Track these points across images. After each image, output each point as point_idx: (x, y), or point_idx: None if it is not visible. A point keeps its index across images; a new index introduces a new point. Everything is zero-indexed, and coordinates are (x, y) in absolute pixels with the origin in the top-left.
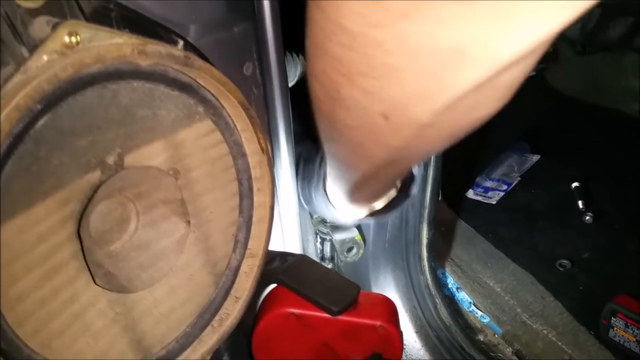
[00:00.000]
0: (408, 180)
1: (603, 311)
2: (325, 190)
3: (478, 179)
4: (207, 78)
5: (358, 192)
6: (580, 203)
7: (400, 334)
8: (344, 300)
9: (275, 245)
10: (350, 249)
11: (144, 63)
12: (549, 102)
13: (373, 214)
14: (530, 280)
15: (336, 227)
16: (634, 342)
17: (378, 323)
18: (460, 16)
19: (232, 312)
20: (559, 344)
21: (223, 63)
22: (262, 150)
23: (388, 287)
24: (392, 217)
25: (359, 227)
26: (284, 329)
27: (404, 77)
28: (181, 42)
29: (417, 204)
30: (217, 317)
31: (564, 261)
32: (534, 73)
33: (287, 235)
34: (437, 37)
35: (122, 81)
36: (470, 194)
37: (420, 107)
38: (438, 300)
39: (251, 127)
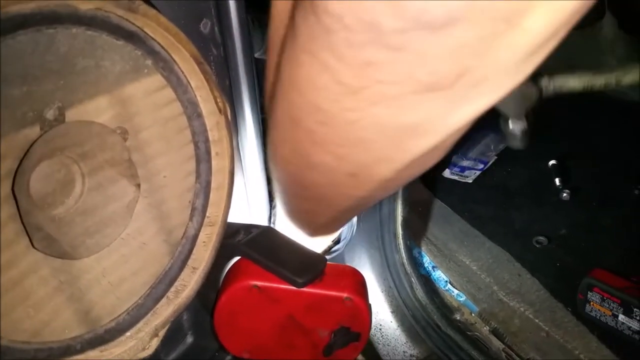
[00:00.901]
0: None
1: (579, 286)
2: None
3: (454, 158)
4: (155, 27)
5: (317, 234)
6: (557, 180)
7: (369, 306)
8: (309, 272)
9: (241, 217)
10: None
11: (84, 7)
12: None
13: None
14: (507, 258)
15: None
16: (609, 316)
17: (345, 295)
18: (418, 103)
19: (188, 283)
20: (536, 321)
21: (178, 18)
22: (220, 110)
23: (363, 267)
24: None
25: None
26: (247, 303)
27: (372, 146)
28: None
29: None
30: (172, 289)
31: (541, 238)
32: None
33: (254, 207)
34: (401, 117)
35: (60, 26)
36: (447, 173)
37: (385, 167)
38: (414, 280)
39: (206, 84)
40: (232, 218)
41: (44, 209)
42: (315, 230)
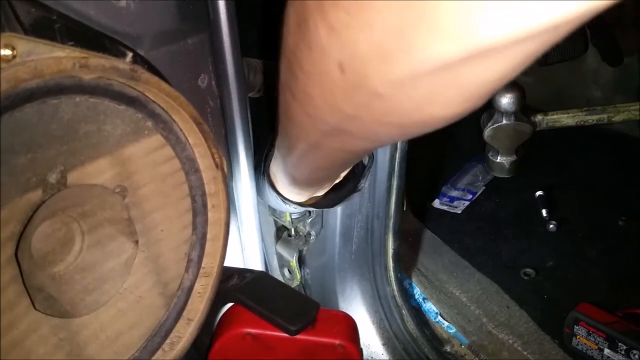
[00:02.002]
0: (357, 175)
1: (566, 320)
2: (268, 174)
3: (444, 189)
4: (156, 92)
5: (300, 167)
6: (544, 211)
7: (360, 351)
8: (302, 319)
9: (235, 262)
10: (289, 271)
11: (87, 77)
12: None
13: (316, 202)
14: (496, 290)
15: (284, 241)
16: (596, 350)
17: (337, 342)
18: None
19: (184, 334)
20: (525, 353)
21: (177, 75)
22: (217, 165)
23: (355, 299)
24: (357, 228)
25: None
26: (240, 350)
27: (373, 21)
28: (130, 55)
29: (382, 214)
30: (168, 341)
31: (529, 270)
32: None
33: (248, 251)
34: None
35: (64, 96)
36: (437, 203)
37: (378, 68)
38: (405, 312)
39: (204, 142)
40: (226, 262)
41: (44, 267)
42: (300, 168)
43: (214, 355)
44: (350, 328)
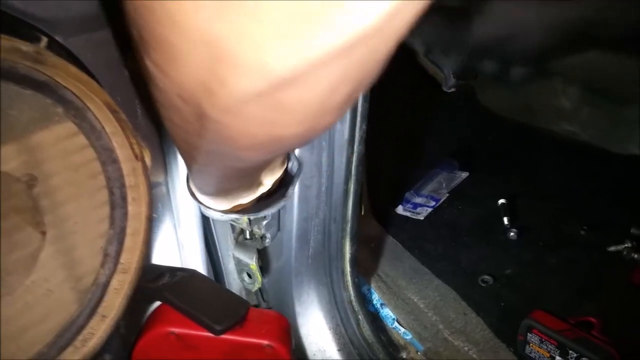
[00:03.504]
0: (287, 182)
1: (520, 327)
2: (188, 182)
3: (407, 195)
4: (65, 76)
5: (201, 181)
6: (505, 219)
7: (292, 352)
8: (229, 319)
9: (172, 262)
10: (248, 275)
11: None
12: (481, 121)
13: (242, 210)
14: (454, 296)
15: (240, 245)
16: (547, 357)
17: (265, 342)
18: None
19: (97, 331)
20: None
21: (100, 63)
22: (136, 156)
23: (312, 304)
24: (314, 232)
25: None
26: (164, 350)
27: (185, 62)
28: (45, 40)
29: (339, 218)
30: (80, 337)
31: (486, 277)
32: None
33: (186, 251)
34: (213, 26)
35: None
36: (400, 209)
37: (206, 100)
38: (361, 317)
39: (121, 131)
40: (161, 261)
41: None
42: (205, 183)
43: (137, 354)
44: (280, 329)
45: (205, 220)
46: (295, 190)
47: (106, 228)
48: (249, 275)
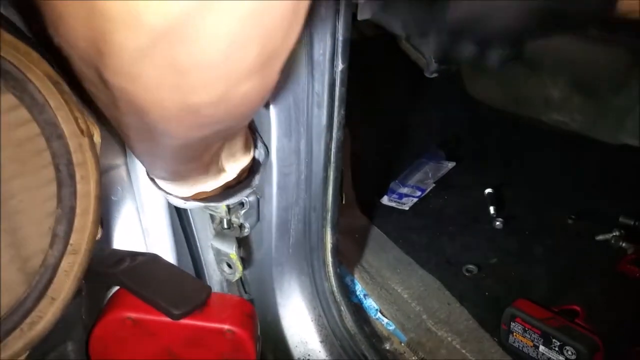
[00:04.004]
0: (252, 171)
1: (503, 316)
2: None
3: (392, 185)
4: (3, 46)
5: (148, 164)
6: (491, 209)
7: (255, 338)
8: (187, 303)
9: (136, 247)
10: (228, 265)
11: None
12: (468, 112)
13: (203, 198)
14: (438, 286)
15: (219, 235)
16: (531, 347)
17: (226, 327)
18: None
19: (45, 314)
20: (463, 351)
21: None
22: (82, 131)
23: (293, 294)
24: (294, 221)
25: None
26: (120, 335)
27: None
28: None
29: (319, 207)
30: (28, 320)
31: (471, 266)
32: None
33: (152, 237)
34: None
35: None
36: (385, 200)
37: (98, 61)
38: (343, 308)
39: (65, 104)
40: (124, 247)
41: None
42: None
43: (94, 340)
44: (243, 314)
45: (183, 212)
46: (274, 178)
47: (54, 207)
48: (229, 266)
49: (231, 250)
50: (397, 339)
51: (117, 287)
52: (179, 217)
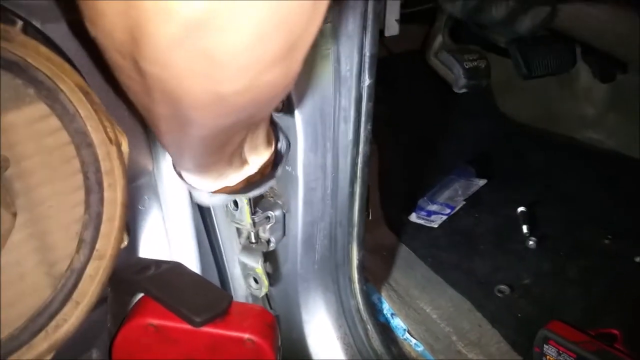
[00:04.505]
0: (276, 163)
1: (535, 338)
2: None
3: (421, 202)
4: (36, 56)
5: (177, 155)
6: (524, 228)
7: (275, 348)
8: (209, 311)
9: (161, 255)
10: (255, 280)
11: None
12: (500, 128)
13: (229, 190)
14: (468, 307)
15: (246, 249)
16: None
17: (246, 336)
18: None
19: (70, 317)
20: None
21: (82, 49)
22: (110, 140)
23: (319, 311)
24: (320, 237)
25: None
26: (143, 342)
27: (112, 20)
28: (20, 23)
29: (345, 222)
30: (53, 323)
31: (503, 287)
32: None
33: (177, 246)
34: None
35: None
36: (413, 217)
37: (135, 49)
38: (370, 327)
39: (94, 114)
40: (149, 255)
41: None
42: (183, 158)
43: (117, 346)
44: (264, 323)
45: (210, 225)
46: (300, 193)
47: (81, 213)
48: (256, 280)
49: (257, 265)
50: None
51: (141, 294)
52: (206, 230)
